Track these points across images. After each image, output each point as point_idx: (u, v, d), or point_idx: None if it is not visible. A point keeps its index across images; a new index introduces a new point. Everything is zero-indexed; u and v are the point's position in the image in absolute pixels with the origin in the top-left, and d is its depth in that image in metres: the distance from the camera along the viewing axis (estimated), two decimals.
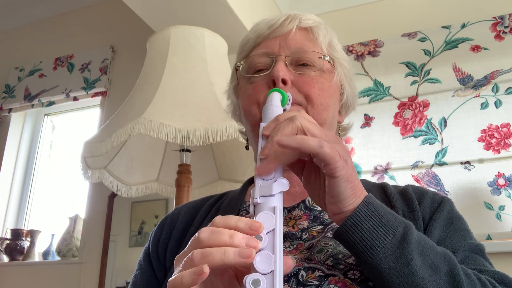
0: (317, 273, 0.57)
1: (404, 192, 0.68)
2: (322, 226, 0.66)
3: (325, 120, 0.70)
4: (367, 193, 0.55)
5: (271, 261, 0.43)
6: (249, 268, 0.44)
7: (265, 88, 0.68)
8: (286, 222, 0.68)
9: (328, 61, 0.71)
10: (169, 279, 0.44)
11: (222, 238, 0.43)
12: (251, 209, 0.50)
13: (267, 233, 0.45)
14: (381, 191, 0.70)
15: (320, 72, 0.70)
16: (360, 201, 0.53)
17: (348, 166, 0.52)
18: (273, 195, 0.49)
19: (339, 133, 0.80)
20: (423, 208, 0.65)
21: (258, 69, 0.72)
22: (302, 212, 0.69)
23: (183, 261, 0.44)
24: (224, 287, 0.47)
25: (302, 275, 0.57)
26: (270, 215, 0.47)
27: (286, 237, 0.65)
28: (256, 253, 0.43)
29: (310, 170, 0.56)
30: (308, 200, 0.70)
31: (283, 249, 0.63)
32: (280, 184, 0.50)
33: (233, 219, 0.45)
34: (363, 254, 0.51)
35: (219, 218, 0.46)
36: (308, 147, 0.49)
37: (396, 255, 0.50)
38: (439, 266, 0.50)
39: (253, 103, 0.69)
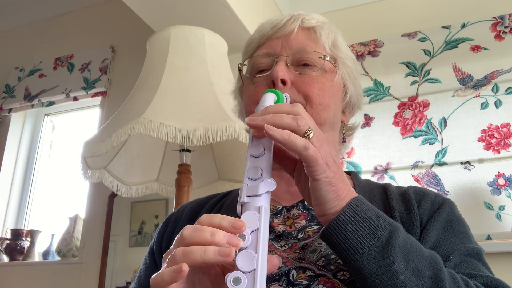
0: (308, 273, 0.57)
1: (405, 193, 0.68)
2: (318, 226, 0.66)
3: (325, 120, 0.70)
4: (356, 195, 0.54)
5: (253, 260, 0.43)
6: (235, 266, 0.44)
7: (266, 88, 0.68)
8: (284, 221, 0.68)
9: (329, 61, 0.71)
10: (152, 276, 0.45)
11: (203, 235, 0.44)
12: (238, 208, 0.50)
13: (251, 233, 0.46)
14: (382, 192, 0.70)
15: (321, 72, 0.70)
16: (344, 204, 0.52)
17: (330, 170, 0.51)
18: (260, 195, 0.49)
19: (343, 133, 0.79)
20: (422, 210, 0.65)
21: (260, 69, 0.72)
22: (300, 212, 0.69)
23: (167, 259, 0.45)
24: (212, 285, 0.48)
25: (293, 274, 0.58)
26: (255, 215, 0.47)
27: (282, 236, 0.65)
28: (239, 251, 0.44)
29: (300, 170, 0.56)
30: None
31: (278, 248, 0.63)
32: (267, 184, 0.50)
33: (217, 217, 0.46)
34: (346, 257, 0.51)
35: (204, 217, 0.47)
36: (293, 145, 0.49)
37: (379, 259, 0.50)
38: (423, 271, 0.50)
39: (254, 103, 0.70)
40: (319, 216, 0.54)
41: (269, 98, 0.60)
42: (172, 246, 0.46)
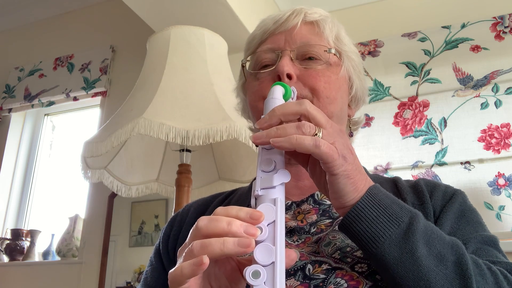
0: (324, 267, 0.57)
1: (416, 185, 0.68)
2: (330, 220, 0.65)
3: (332, 114, 0.69)
4: (373, 184, 0.54)
5: (272, 253, 0.42)
6: (251, 260, 0.43)
7: (271, 84, 0.67)
8: (295, 217, 0.67)
9: (334, 54, 0.71)
10: (170, 271, 0.44)
11: (220, 225, 0.43)
12: (252, 201, 0.49)
13: (267, 225, 0.45)
14: (393, 185, 0.69)
15: (327, 65, 0.70)
16: (362, 195, 0.52)
17: (347, 163, 0.51)
18: (274, 186, 0.48)
19: (350, 127, 0.79)
20: (434, 201, 0.64)
21: (264, 64, 0.72)
22: (311, 206, 0.68)
23: (184, 253, 0.44)
24: (227, 279, 0.47)
25: (309, 268, 0.57)
26: (270, 207, 0.46)
27: (294, 231, 0.65)
28: (257, 244, 0.43)
29: (314, 161, 0.55)
30: (317, 194, 0.70)
31: (291, 243, 0.62)
32: (281, 176, 0.49)
33: (234, 209, 0.45)
34: (367, 245, 0.50)
35: (220, 208, 0.46)
36: (303, 147, 0.48)
37: (401, 246, 0.49)
38: (446, 256, 0.49)
39: (259, 99, 0.69)
40: (337, 208, 0.53)
41: (277, 91, 0.59)
42: (187, 240, 0.45)
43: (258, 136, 0.51)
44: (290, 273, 0.57)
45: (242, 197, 0.75)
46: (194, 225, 0.45)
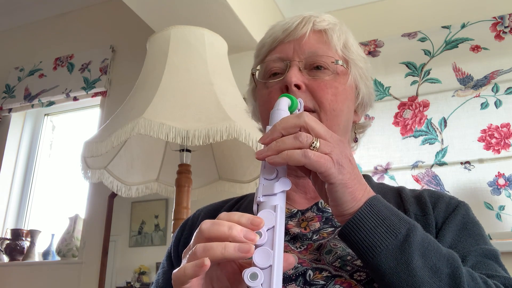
0: (324, 274, 0.58)
1: (419, 196, 0.69)
2: (333, 229, 0.67)
3: (339, 125, 0.71)
4: (373, 194, 0.55)
5: (270, 257, 0.45)
6: (251, 263, 0.45)
7: (280, 93, 0.69)
8: (299, 224, 0.69)
9: (341, 65, 0.72)
10: (174, 271, 0.46)
11: (221, 229, 0.46)
12: (254, 207, 0.51)
13: (267, 230, 0.47)
14: (397, 195, 0.70)
15: (334, 75, 0.71)
16: (360, 204, 0.53)
17: (345, 172, 0.52)
18: (275, 194, 0.50)
19: (355, 132, 0.80)
20: (437, 212, 0.65)
21: (273, 73, 0.73)
22: (315, 214, 0.70)
23: (188, 254, 0.46)
24: (228, 281, 0.49)
25: (310, 275, 0.59)
26: (271, 213, 0.48)
27: (298, 237, 0.66)
28: (256, 248, 0.45)
29: None
30: (321, 202, 0.71)
31: (294, 249, 0.64)
32: (282, 184, 0.51)
33: (236, 214, 0.48)
34: (365, 254, 0.52)
35: (223, 214, 0.48)
36: (294, 161, 0.50)
37: (397, 257, 0.50)
38: (441, 268, 0.50)
39: (269, 109, 0.70)
40: (336, 216, 0.55)
41: (283, 103, 0.62)
42: (191, 242, 0.48)
43: (260, 152, 0.54)
44: (291, 279, 0.59)
45: (251, 202, 0.76)
46: (198, 228, 0.47)
